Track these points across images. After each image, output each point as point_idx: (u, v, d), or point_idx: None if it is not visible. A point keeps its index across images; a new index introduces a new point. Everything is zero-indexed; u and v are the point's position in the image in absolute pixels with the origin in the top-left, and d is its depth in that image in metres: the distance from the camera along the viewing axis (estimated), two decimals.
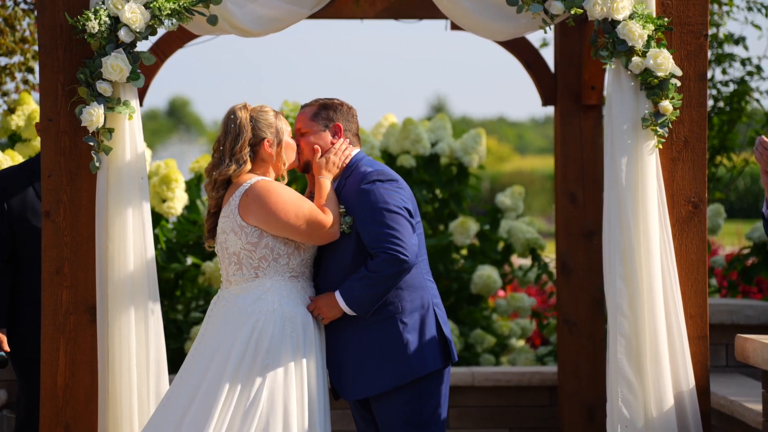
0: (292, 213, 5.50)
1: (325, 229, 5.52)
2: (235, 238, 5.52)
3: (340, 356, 5.64)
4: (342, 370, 5.64)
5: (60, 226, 6.03)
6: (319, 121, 5.72)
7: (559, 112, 8.12)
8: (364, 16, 7.48)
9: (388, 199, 5.53)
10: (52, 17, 6.03)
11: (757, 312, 8.19)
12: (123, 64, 5.89)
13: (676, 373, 5.98)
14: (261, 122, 5.62)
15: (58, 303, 6.03)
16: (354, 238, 5.58)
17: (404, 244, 5.48)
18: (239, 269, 5.54)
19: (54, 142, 6.03)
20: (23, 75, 9.36)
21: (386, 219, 5.50)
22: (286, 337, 5.48)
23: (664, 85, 5.96)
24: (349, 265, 5.59)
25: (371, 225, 5.51)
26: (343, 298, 5.53)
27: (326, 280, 5.65)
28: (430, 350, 5.59)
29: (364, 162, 5.69)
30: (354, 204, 5.57)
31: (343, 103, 5.80)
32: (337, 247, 5.62)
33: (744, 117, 10.61)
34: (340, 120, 5.74)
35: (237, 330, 5.46)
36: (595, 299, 8.01)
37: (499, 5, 6.10)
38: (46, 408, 6.04)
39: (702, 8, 6.10)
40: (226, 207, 5.57)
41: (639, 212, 5.95)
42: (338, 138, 5.72)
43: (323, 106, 5.74)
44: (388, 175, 5.59)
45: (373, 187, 5.55)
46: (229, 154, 5.58)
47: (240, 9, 6.11)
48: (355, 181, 5.61)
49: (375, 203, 5.52)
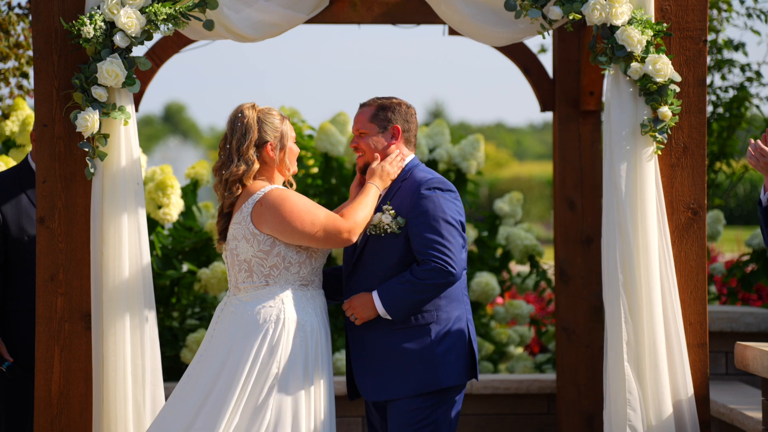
0: (308, 221, 5.48)
1: (342, 235, 5.49)
2: (247, 245, 5.50)
3: (365, 356, 5.61)
4: (366, 370, 5.61)
5: (55, 233, 6.01)
6: (378, 123, 5.68)
7: (558, 118, 8.10)
8: (361, 21, 7.46)
9: (446, 210, 5.51)
10: (47, 22, 6.02)
11: (757, 319, 8.18)
12: (118, 70, 5.87)
13: (675, 381, 5.96)
14: (267, 124, 5.60)
15: (53, 310, 6.01)
16: (402, 241, 5.55)
17: (454, 257, 5.47)
18: (249, 276, 5.51)
19: (49, 148, 6.02)
20: (18, 80, 9.34)
21: (441, 228, 5.48)
22: (297, 346, 5.48)
23: (663, 90, 5.95)
24: (393, 266, 5.56)
25: (425, 231, 5.49)
26: (381, 300, 5.49)
27: (364, 278, 5.60)
28: (456, 364, 5.58)
29: (421, 168, 5.67)
30: (409, 207, 5.54)
31: (402, 102, 5.74)
32: (381, 246, 5.58)
33: (743, 123, 10.61)
34: (399, 121, 5.69)
35: (248, 338, 5.45)
36: (594, 306, 7.99)
37: (497, 10, 6.09)
38: (40, 416, 6.02)
39: (701, 14, 6.09)
40: (237, 214, 5.54)
41: (638, 219, 5.94)
42: (396, 140, 5.67)
43: (381, 107, 5.69)
44: (447, 185, 5.58)
45: (433, 195, 5.53)
46: (237, 154, 5.56)
47: (236, 14, 6.10)
48: (413, 185, 5.57)
49: (433, 211, 5.50)
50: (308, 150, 10.01)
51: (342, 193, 9.70)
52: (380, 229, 5.58)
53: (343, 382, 8.44)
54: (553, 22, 6.02)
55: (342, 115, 10.29)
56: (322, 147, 9.73)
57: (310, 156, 9.99)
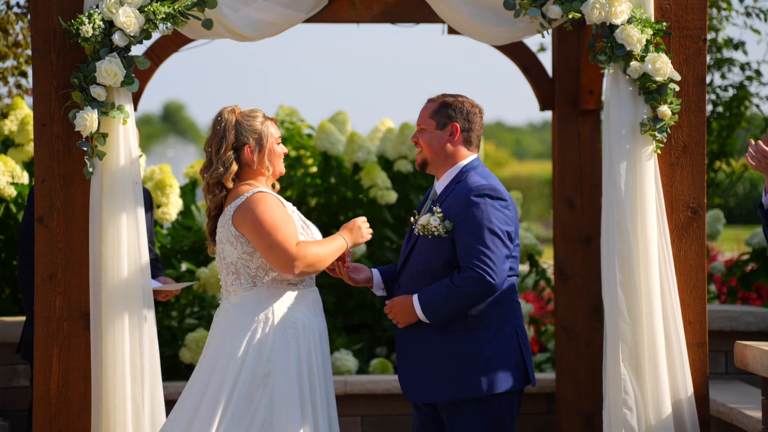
0: (266, 231, 5.42)
1: (287, 260, 5.39)
2: (231, 248, 5.49)
3: (408, 356, 5.57)
4: (409, 371, 5.58)
5: (53, 232, 6.01)
6: (437, 119, 5.61)
7: (557, 117, 8.09)
8: (360, 20, 7.45)
9: (493, 218, 5.44)
10: (45, 21, 6.01)
11: (757, 318, 8.17)
12: (117, 69, 5.87)
13: (674, 380, 5.95)
14: (245, 127, 5.56)
15: (52, 309, 6.01)
16: (448, 244, 5.50)
17: (495, 268, 5.41)
18: (237, 279, 5.50)
19: (47, 147, 6.01)
20: (16, 79, 9.34)
21: (485, 237, 5.42)
22: (288, 344, 5.45)
23: (662, 89, 5.94)
24: (439, 268, 5.52)
25: (469, 238, 5.43)
26: (421, 304, 5.46)
27: (411, 278, 5.57)
28: (502, 370, 5.50)
29: (478, 171, 5.59)
30: (458, 212, 5.48)
31: (466, 101, 5.65)
32: (428, 247, 5.53)
33: (743, 122, 10.60)
34: (459, 120, 5.61)
35: (237, 339, 5.44)
36: (594, 305, 7.98)
37: (496, 9, 6.08)
38: (39, 416, 6.01)
39: (701, 12, 6.08)
40: (221, 217, 5.53)
41: (637, 218, 5.93)
42: (453, 139, 5.60)
43: (444, 104, 5.62)
44: (499, 192, 5.50)
45: (482, 202, 5.46)
46: (216, 156, 5.54)
47: (235, 13, 6.09)
48: (465, 189, 5.51)
49: (479, 218, 5.44)
50: (307, 149, 9.99)
51: (341, 192, 9.69)
52: (428, 231, 5.53)
53: (341, 381, 8.43)
54: (552, 21, 6.01)
55: (341, 114, 10.27)
56: (322, 146, 9.71)
57: (309, 155, 9.97)
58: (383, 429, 8.45)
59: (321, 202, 9.79)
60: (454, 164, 5.61)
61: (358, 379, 8.51)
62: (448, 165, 5.62)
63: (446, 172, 5.62)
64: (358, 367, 9.00)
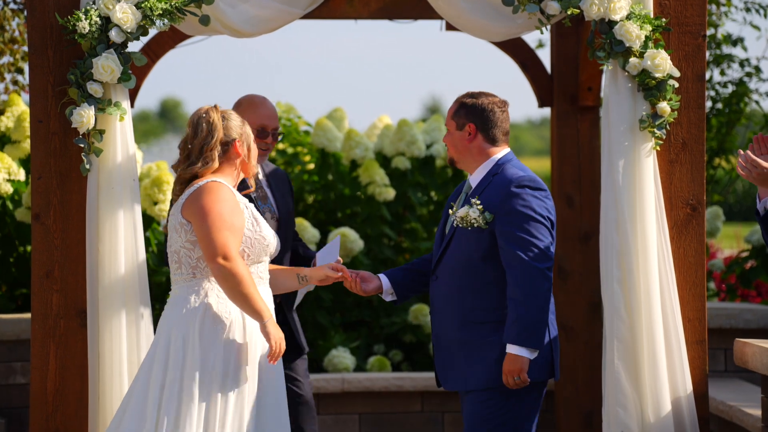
0: (210, 220, 5.35)
1: (218, 256, 5.31)
2: (176, 235, 5.45)
3: (443, 347, 5.64)
4: (443, 361, 5.65)
5: (50, 229, 6.01)
6: (457, 120, 5.67)
7: (556, 114, 8.07)
8: (357, 16, 7.42)
9: (536, 207, 5.50)
10: (42, 17, 6.00)
11: (756, 316, 8.16)
12: (114, 65, 5.86)
13: (673, 378, 5.94)
14: (232, 123, 5.56)
15: (48, 307, 6.01)
16: (488, 236, 5.53)
17: (540, 254, 5.45)
18: (179, 268, 5.46)
19: (44, 144, 6.00)
20: (13, 76, 9.33)
21: (529, 226, 5.47)
22: (218, 338, 5.39)
23: (661, 86, 5.93)
24: (478, 260, 5.54)
25: (512, 228, 5.47)
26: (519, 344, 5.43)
27: (450, 269, 5.59)
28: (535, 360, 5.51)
29: (514, 164, 5.65)
30: (498, 204, 5.52)
31: (484, 100, 5.66)
32: (467, 239, 5.55)
33: (743, 118, 10.58)
34: (474, 120, 5.64)
35: (172, 330, 5.39)
36: (592, 303, 7.96)
37: (494, 5, 6.07)
38: (35, 413, 6.01)
39: (700, 8, 6.06)
40: (174, 205, 5.50)
41: (636, 215, 5.92)
42: (473, 138, 5.65)
43: (462, 105, 5.67)
44: (538, 183, 5.57)
45: (523, 192, 5.52)
46: (198, 153, 5.49)
47: (232, 9, 6.08)
48: (504, 181, 5.56)
49: (522, 208, 5.49)
50: (304, 146, 9.97)
51: (339, 189, 9.66)
52: (467, 223, 5.56)
53: (339, 379, 8.43)
54: (551, 17, 6.00)
55: (338, 111, 10.25)
56: (319, 143, 9.69)
57: (307, 152, 9.95)
58: (381, 427, 8.44)
59: (318, 199, 9.77)
60: (486, 159, 5.66)
61: (356, 377, 8.50)
62: (479, 161, 5.68)
63: (479, 167, 5.67)
64: (356, 364, 8.99)
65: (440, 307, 5.66)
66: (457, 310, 5.59)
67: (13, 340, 7.79)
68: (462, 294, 5.58)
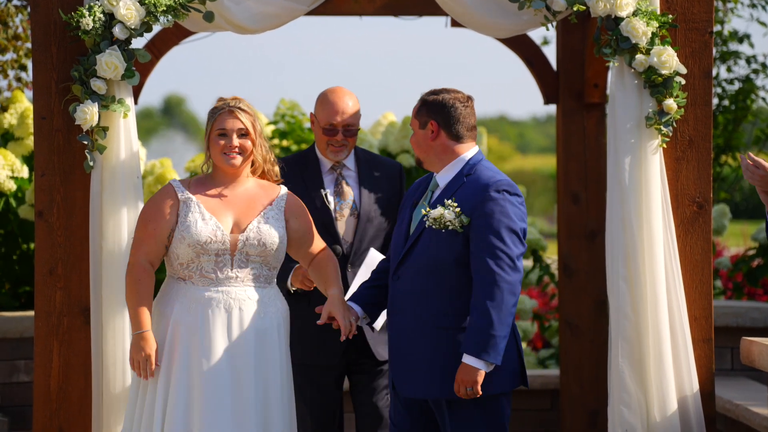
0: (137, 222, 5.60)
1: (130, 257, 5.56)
2: None
3: (404, 353, 5.46)
4: (407, 368, 5.46)
5: (53, 226, 6.01)
6: (419, 119, 5.56)
7: (562, 111, 8.04)
8: (362, 12, 7.40)
9: (513, 215, 5.36)
10: (45, 14, 6.00)
11: (763, 314, 8.14)
12: (118, 62, 5.85)
13: (679, 376, 5.92)
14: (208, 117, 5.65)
15: (52, 304, 6.01)
16: (462, 240, 5.39)
17: (511, 264, 5.31)
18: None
19: (47, 141, 6.01)
20: (16, 72, 9.34)
21: (504, 235, 5.32)
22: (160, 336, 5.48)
23: (668, 83, 5.91)
24: (449, 263, 5.38)
25: (488, 234, 5.32)
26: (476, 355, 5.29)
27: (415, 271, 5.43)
28: (504, 369, 5.40)
29: (486, 165, 5.51)
30: (473, 207, 5.38)
31: (445, 96, 5.53)
32: (438, 241, 5.40)
33: (749, 115, 10.57)
34: (437, 117, 5.51)
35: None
36: (598, 301, 7.93)
37: (500, 2, 6.06)
38: (39, 411, 6.01)
39: (707, 5, 6.05)
40: None
41: (642, 212, 5.91)
42: (436, 136, 5.52)
43: (423, 103, 5.55)
44: (515, 189, 5.43)
45: (501, 198, 5.37)
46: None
47: (236, 5, 6.08)
48: (480, 183, 5.41)
49: (499, 214, 5.34)
50: (309, 143, 9.94)
51: None
52: (441, 224, 5.41)
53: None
54: (557, 14, 5.98)
55: None
56: None
57: None
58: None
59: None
60: (454, 157, 5.52)
61: None
62: (445, 159, 5.54)
63: (446, 166, 5.54)
64: None
65: (402, 308, 5.48)
66: (422, 313, 5.43)
67: (17, 337, 7.80)
68: (428, 297, 5.42)
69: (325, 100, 6.19)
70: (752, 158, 5.48)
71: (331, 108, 6.15)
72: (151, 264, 5.51)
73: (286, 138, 9.86)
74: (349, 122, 6.16)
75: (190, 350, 5.43)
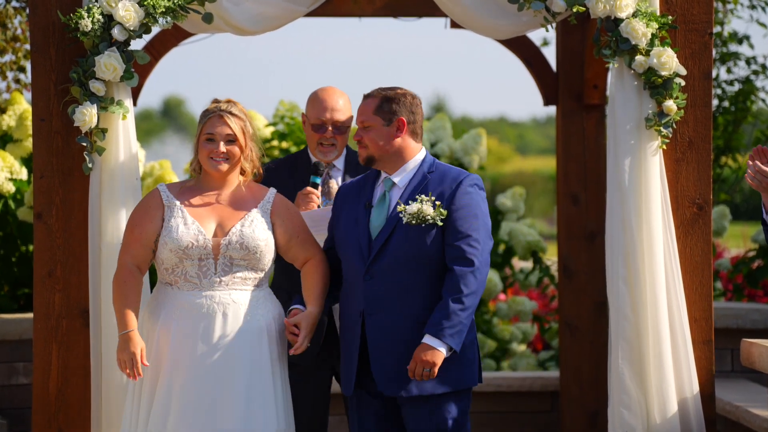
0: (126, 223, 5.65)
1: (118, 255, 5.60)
2: None
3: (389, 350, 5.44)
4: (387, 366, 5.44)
5: (52, 228, 6.01)
6: (382, 115, 5.51)
7: (561, 112, 8.04)
8: (362, 13, 7.40)
9: (484, 209, 5.47)
10: (44, 15, 6.00)
11: (763, 316, 8.14)
12: (116, 63, 5.84)
13: (679, 378, 5.92)
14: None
15: (51, 307, 6.01)
16: (439, 233, 5.41)
17: (484, 255, 5.41)
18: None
19: (46, 143, 6.00)
20: (15, 74, 9.33)
21: (479, 227, 5.40)
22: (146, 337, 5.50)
23: (668, 84, 5.91)
24: (431, 256, 5.41)
25: (464, 225, 5.38)
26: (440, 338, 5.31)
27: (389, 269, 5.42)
28: (473, 364, 5.48)
29: (440, 162, 5.57)
30: (448, 200, 5.42)
31: (407, 93, 5.57)
32: (417, 236, 5.40)
33: (749, 117, 10.56)
34: (404, 113, 5.51)
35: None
36: (598, 302, 7.93)
37: (499, 3, 6.06)
38: (38, 414, 6.01)
39: (707, 6, 6.05)
40: None
41: (642, 214, 5.90)
42: (401, 133, 5.52)
43: (386, 99, 5.52)
44: (482, 184, 5.55)
45: (475, 192, 5.45)
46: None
47: (236, 7, 6.08)
48: (451, 177, 5.46)
49: (475, 208, 5.42)
50: None
51: None
52: (421, 219, 5.41)
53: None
54: (556, 15, 5.97)
55: None
56: None
57: None
58: None
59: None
60: (410, 156, 5.53)
61: None
62: (403, 158, 5.53)
63: (403, 165, 5.53)
64: None
65: (381, 307, 5.45)
66: (403, 310, 5.42)
67: (16, 340, 7.79)
68: (408, 293, 5.42)
69: (316, 97, 6.21)
70: (758, 167, 5.45)
71: (320, 105, 6.16)
72: (138, 267, 5.52)
73: (285, 139, 9.85)
74: (338, 119, 6.15)
75: (176, 356, 5.45)
